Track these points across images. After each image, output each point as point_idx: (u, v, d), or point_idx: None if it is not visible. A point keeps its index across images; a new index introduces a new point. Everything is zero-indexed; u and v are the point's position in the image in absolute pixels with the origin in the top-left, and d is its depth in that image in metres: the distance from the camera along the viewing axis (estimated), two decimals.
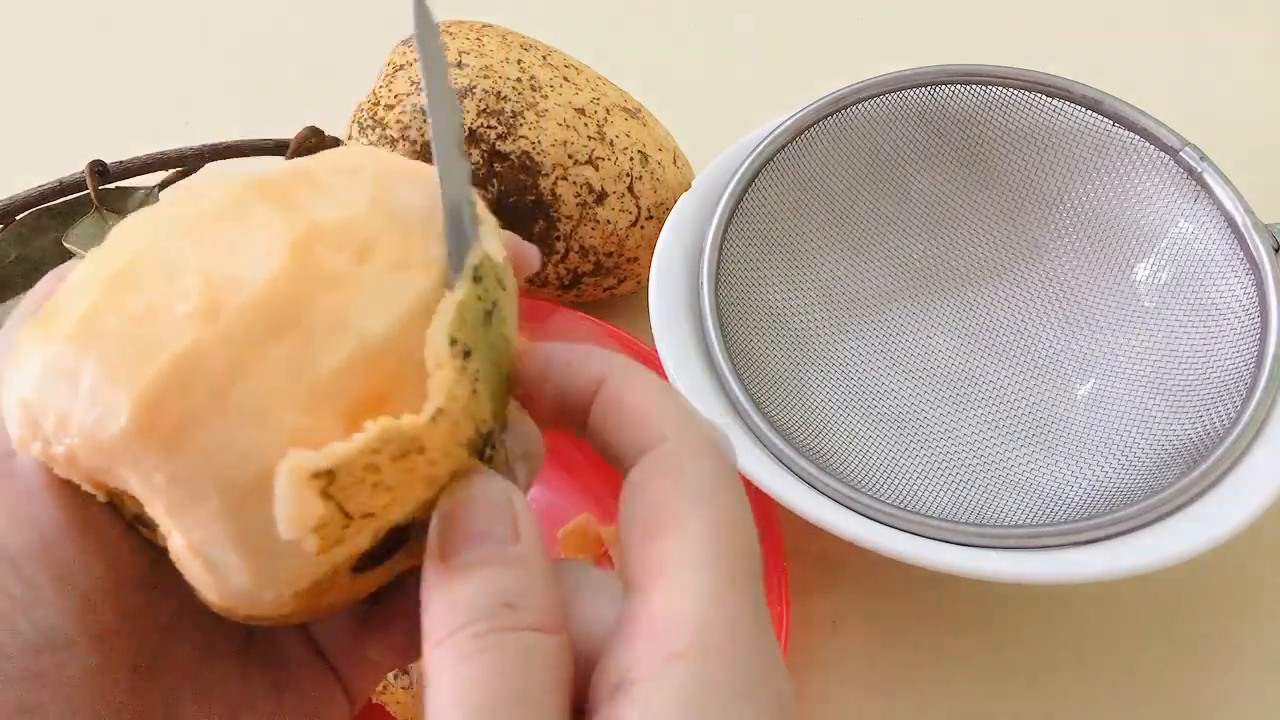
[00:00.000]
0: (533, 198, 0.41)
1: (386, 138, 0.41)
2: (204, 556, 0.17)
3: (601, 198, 0.42)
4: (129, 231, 0.19)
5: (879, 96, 0.41)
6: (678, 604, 0.16)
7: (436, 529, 0.18)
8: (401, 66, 0.42)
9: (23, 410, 0.18)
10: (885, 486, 0.37)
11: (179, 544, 0.18)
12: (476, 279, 0.19)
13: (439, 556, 0.17)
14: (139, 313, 0.17)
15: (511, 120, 0.41)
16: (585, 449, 0.46)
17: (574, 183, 0.41)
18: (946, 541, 0.33)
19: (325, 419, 0.17)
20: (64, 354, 0.17)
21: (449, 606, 0.17)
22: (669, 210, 0.41)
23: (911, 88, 0.41)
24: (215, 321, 0.17)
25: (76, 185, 0.42)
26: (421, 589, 0.17)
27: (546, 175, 0.41)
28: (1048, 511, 0.36)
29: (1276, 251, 0.36)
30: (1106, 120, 0.40)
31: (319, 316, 0.18)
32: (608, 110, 0.43)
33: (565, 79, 0.43)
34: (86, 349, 0.17)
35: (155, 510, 0.18)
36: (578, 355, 0.20)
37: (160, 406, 0.17)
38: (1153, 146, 0.39)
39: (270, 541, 0.17)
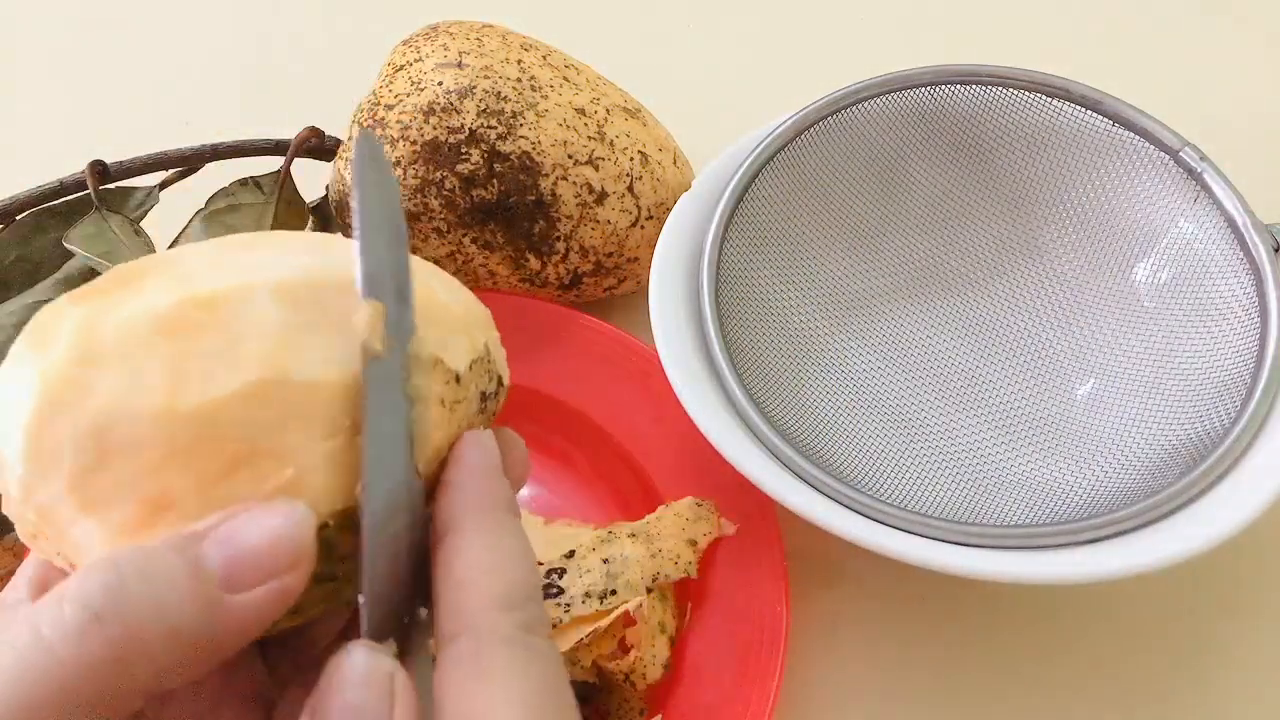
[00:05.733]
0: (533, 198, 0.41)
1: (387, 138, 0.41)
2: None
3: (601, 198, 0.42)
4: None
5: (879, 96, 0.41)
6: None
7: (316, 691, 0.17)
8: (401, 67, 0.42)
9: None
10: (885, 486, 0.37)
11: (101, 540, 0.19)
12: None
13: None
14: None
15: (511, 120, 0.41)
16: (585, 450, 0.46)
17: (574, 183, 0.41)
18: (946, 541, 0.33)
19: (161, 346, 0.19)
20: None
21: None
22: (669, 210, 0.41)
23: (911, 88, 0.41)
24: (50, 349, 0.19)
25: (77, 185, 0.42)
26: None
27: (546, 175, 0.41)
28: (1048, 511, 0.36)
29: (1276, 251, 0.36)
30: (1106, 120, 0.40)
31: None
32: (608, 110, 0.43)
33: (565, 79, 0.43)
34: None
35: (68, 523, 0.19)
36: (452, 489, 0.20)
37: (42, 430, 0.19)
38: (1153, 146, 0.39)
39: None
